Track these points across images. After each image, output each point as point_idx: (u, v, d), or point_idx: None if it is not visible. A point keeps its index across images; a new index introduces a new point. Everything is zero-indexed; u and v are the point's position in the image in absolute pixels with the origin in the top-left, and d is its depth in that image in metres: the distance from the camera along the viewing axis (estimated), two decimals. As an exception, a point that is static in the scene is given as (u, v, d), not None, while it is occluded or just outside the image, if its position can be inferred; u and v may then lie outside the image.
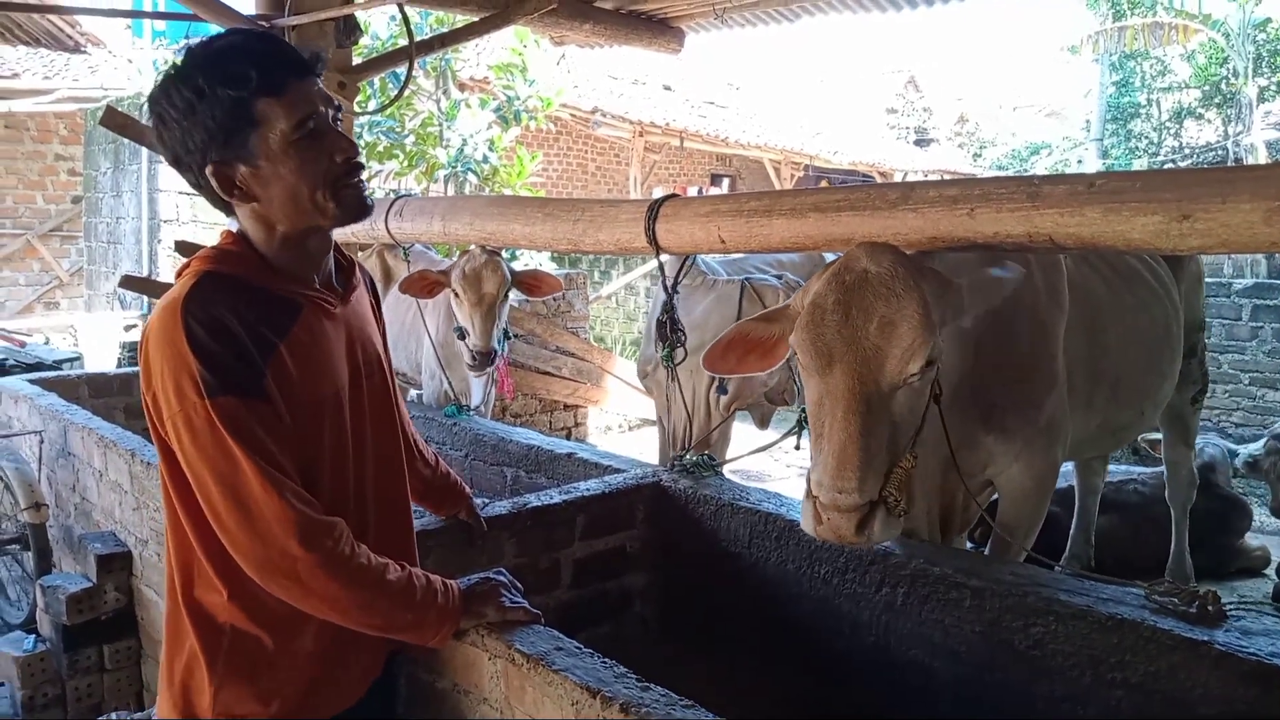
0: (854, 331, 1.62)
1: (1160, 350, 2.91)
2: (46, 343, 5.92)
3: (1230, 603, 1.73)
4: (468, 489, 2.00)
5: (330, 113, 1.35)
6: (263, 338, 1.29)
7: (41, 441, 3.38)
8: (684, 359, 2.61)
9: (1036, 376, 2.23)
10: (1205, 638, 1.60)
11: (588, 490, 2.38)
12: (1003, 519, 2.39)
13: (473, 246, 3.42)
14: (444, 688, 1.63)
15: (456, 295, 3.30)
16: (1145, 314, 2.81)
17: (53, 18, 10.44)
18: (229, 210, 1.38)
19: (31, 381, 3.83)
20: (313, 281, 1.42)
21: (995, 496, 2.46)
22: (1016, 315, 2.20)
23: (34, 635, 2.97)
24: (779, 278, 3.50)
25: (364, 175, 1.39)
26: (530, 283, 3.38)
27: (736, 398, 3.50)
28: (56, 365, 4.78)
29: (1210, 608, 1.68)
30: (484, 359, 3.25)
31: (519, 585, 1.60)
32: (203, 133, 1.27)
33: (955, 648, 1.89)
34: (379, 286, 4.20)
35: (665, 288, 2.58)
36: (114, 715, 2.67)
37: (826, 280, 1.70)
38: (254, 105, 1.27)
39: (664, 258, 2.40)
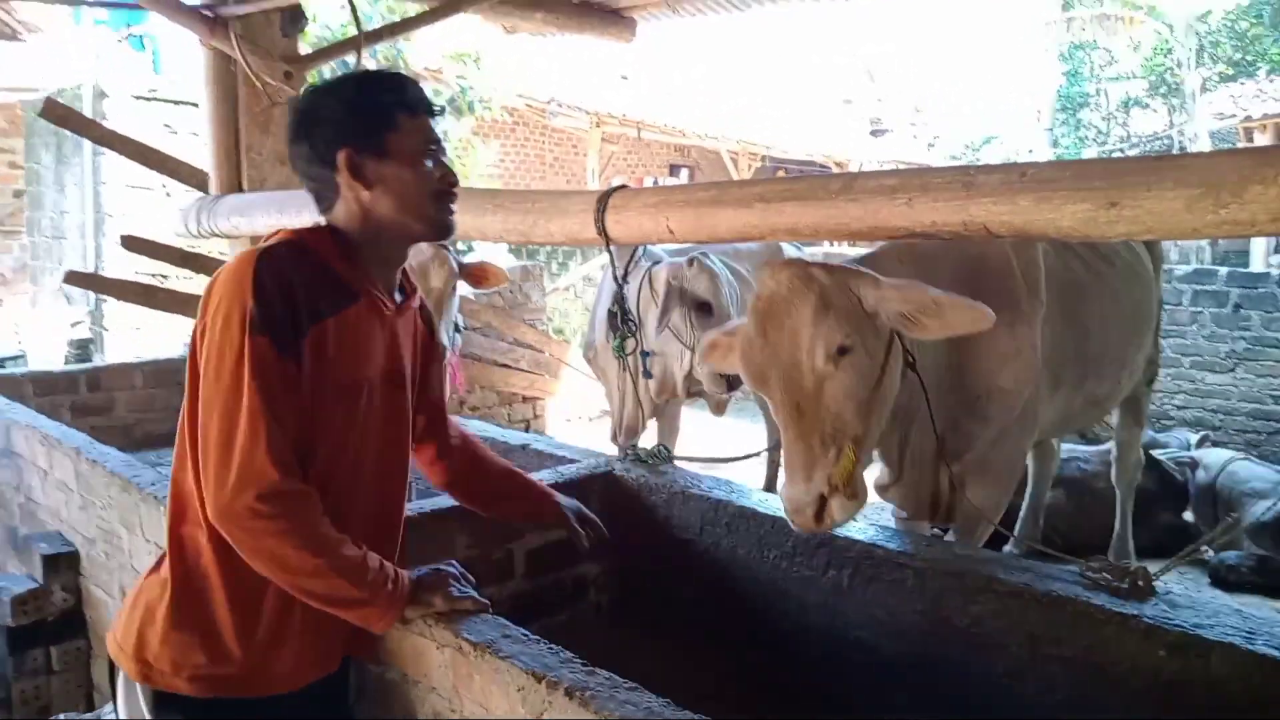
0: (773, 350, 1.80)
1: (1138, 322, 3.02)
2: (-12, 341, 5.77)
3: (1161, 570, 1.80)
4: (555, 495, 2.04)
5: (442, 149, 1.57)
6: (315, 307, 1.42)
7: (-17, 441, 3.30)
8: (635, 348, 2.63)
9: (1017, 366, 2.29)
10: (1134, 612, 1.65)
11: (540, 480, 2.39)
12: (971, 500, 2.44)
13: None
14: (393, 678, 1.64)
15: (404, 289, 3.28)
16: (1125, 292, 2.90)
17: (-8, 5, 10.13)
18: (329, 203, 1.53)
19: (-29, 380, 3.74)
20: (377, 283, 1.55)
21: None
22: (996, 305, 2.26)
23: (-23, 638, 2.91)
24: (691, 261, 3.46)
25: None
26: (477, 274, 3.38)
27: (661, 389, 3.54)
28: (0, 364, 4.68)
29: (1140, 583, 1.74)
30: None
31: (470, 576, 1.61)
32: (351, 123, 1.48)
33: (899, 627, 1.94)
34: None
35: (615, 278, 2.60)
36: (63, 717, 2.63)
37: (749, 311, 1.88)
38: (396, 115, 1.50)
39: (613, 248, 2.42)
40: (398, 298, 1.60)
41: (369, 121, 1.48)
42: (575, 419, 7.25)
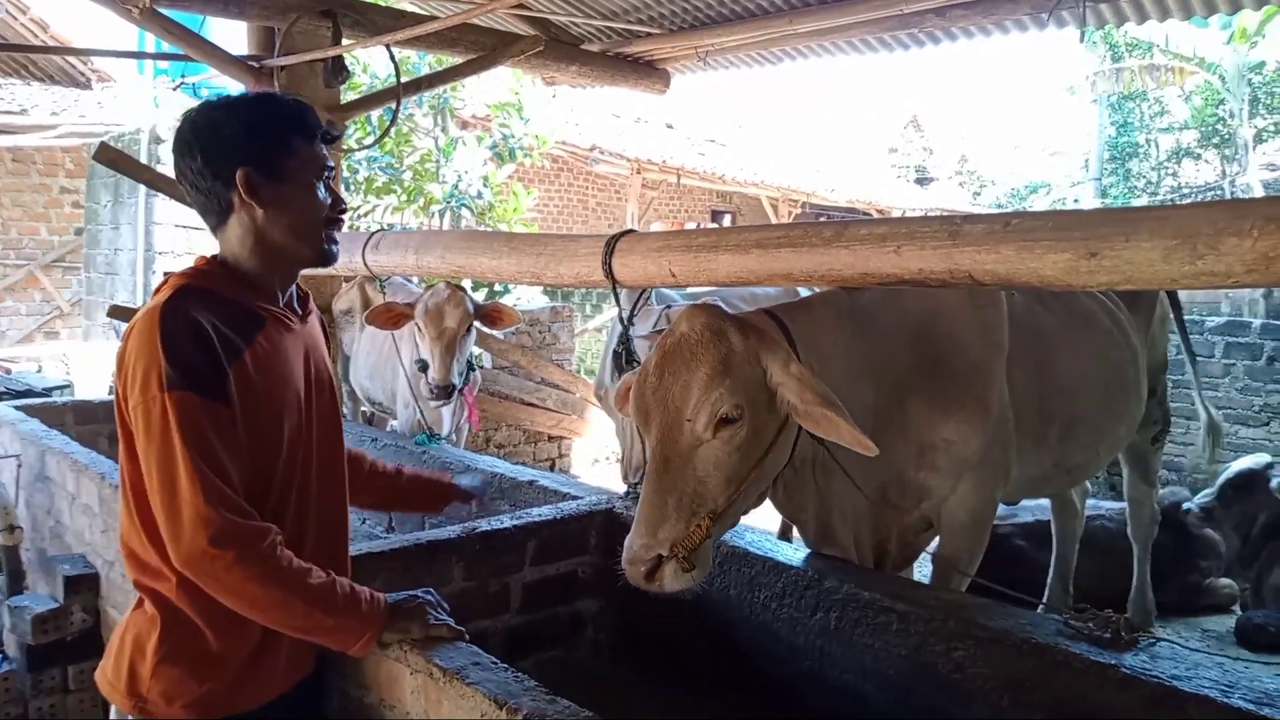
0: (664, 393, 1.75)
1: (1116, 393, 2.87)
2: (39, 370, 6.01)
3: (1163, 638, 1.78)
4: (446, 475, 2.14)
5: (333, 176, 1.63)
6: (230, 343, 1.45)
7: (20, 466, 3.44)
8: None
9: (966, 415, 2.22)
10: (1114, 661, 1.64)
11: (539, 516, 2.43)
12: (942, 551, 2.40)
13: (439, 282, 3.50)
14: (371, 703, 1.68)
15: (419, 329, 3.37)
16: (1101, 357, 2.79)
17: (69, 56, 10.68)
18: (221, 222, 1.55)
19: (16, 408, 3.90)
20: (277, 300, 1.60)
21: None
22: (945, 354, 2.24)
23: (0, 656, 3.01)
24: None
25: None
26: (492, 315, 3.47)
27: None
28: (46, 393, 4.85)
29: (1124, 634, 1.72)
30: (442, 392, 3.32)
31: (445, 605, 1.65)
32: (250, 144, 1.51)
33: (884, 671, 1.93)
34: (358, 317, 4.29)
35: (621, 319, 2.66)
36: (76, 735, 2.71)
37: (656, 343, 1.85)
38: (293, 140, 1.54)
39: (621, 290, 2.48)
40: (299, 309, 1.65)
41: (267, 144, 1.52)
42: (603, 460, 7.28)
